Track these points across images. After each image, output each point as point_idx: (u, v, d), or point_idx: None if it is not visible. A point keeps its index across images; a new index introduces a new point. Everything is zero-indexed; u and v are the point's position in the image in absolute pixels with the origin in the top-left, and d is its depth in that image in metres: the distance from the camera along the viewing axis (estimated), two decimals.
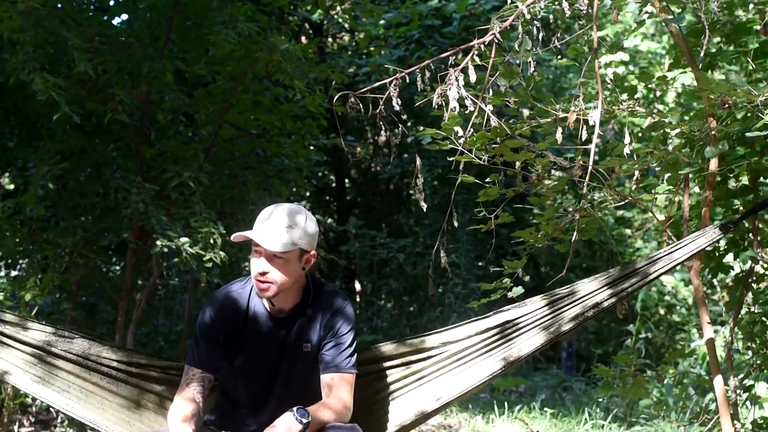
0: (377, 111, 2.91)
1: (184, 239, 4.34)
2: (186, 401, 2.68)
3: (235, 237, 2.71)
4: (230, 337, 2.79)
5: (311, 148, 6.20)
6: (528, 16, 2.87)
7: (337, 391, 2.74)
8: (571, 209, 3.03)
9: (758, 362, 3.46)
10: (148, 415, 2.92)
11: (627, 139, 2.97)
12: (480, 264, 8.93)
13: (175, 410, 2.67)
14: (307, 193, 10.53)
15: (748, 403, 3.77)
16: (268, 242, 2.65)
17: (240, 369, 2.81)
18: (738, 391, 3.36)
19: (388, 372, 2.96)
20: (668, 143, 3.24)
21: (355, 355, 2.79)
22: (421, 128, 3.04)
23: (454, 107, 2.82)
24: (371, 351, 2.98)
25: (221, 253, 4.47)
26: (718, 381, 3.04)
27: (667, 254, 2.84)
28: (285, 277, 2.69)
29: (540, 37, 2.93)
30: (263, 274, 2.67)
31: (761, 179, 3.22)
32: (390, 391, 2.95)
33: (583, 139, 2.92)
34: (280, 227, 2.67)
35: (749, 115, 2.90)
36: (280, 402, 2.74)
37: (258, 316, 2.80)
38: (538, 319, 2.87)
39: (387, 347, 2.97)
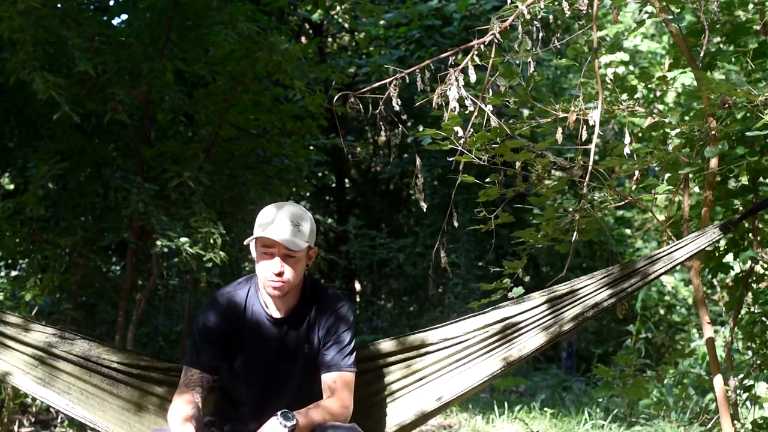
0: (377, 111, 2.91)
1: (184, 239, 4.34)
2: (185, 402, 2.68)
3: (251, 240, 2.70)
4: (229, 338, 2.79)
5: (311, 148, 6.19)
6: (528, 16, 2.88)
7: (337, 392, 2.74)
8: (571, 209, 3.02)
9: (758, 362, 3.46)
10: (148, 416, 2.92)
11: (627, 139, 2.97)
12: (480, 264, 8.93)
13: (174, 410, 2.67)
14: (307, 193, 10.52)
15: (748, 403, 3.77)
16: (288, 241, 2.66)
17: (239, 370, 2.81)
18: (738, 391, 3.36)
19: (388, 370, 2.96)
20: (668, 143, 3.24)
21: (354, 354, 2.80)
22: (421, 128, 3.04)
23: (454, 107, 2.82)
24: (370, 348, 2.97)
25: (221, 253, 4.47)
26: (718, 381, 3.04)
27: (667, 254, 2.84)
28: (297, 275, 2.72)
29: (540, 37, 2.93)
30: (280, 274, 2.68)
31: (761, 179, 3.22)
32: (390, 390, 2.95)
33: (583, 139, 2.92)
34: (292, 226, 2.69)
35: (749, 115, 2.90)
36: (281, 402, 2.73)
37: (256, 317, 2.80)
38: (539, 320, 2.87)
39: (386, 344, 2.97)
